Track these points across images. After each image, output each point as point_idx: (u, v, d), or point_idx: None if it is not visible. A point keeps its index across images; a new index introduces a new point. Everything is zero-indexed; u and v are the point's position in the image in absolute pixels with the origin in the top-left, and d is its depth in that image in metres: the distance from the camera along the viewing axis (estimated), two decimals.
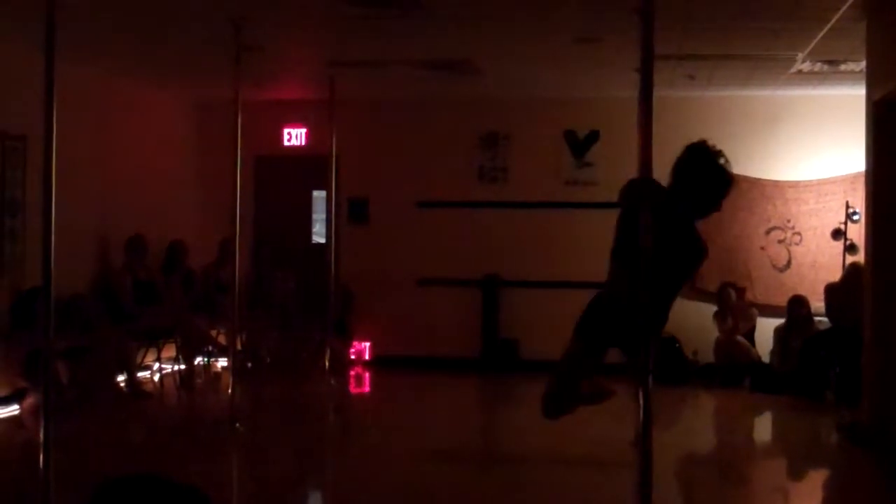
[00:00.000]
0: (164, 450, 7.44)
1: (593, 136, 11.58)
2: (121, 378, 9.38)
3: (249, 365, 10.72)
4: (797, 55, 8.83)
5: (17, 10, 7.23)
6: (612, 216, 4.71)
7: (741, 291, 10.94)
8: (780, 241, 11.24)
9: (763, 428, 9.55)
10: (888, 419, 7.35)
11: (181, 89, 11.43)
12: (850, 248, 10.49)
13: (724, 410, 10.02)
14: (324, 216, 11.85)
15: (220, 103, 8.94)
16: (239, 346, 9.03)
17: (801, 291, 10.65)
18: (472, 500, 6.19)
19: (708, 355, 10.84)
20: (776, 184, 11.23)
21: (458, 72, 9.83)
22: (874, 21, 7.44)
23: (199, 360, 10.61)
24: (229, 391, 7.82)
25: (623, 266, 4.62)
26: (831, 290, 9.76)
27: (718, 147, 4.78)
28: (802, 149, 11.18)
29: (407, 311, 11.76)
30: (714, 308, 10.88)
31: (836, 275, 10.28)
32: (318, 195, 12.18)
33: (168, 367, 10.41)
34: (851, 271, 9.66)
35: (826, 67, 9.37)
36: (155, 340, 9.97)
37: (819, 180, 11.15)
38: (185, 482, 1.99)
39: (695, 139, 4.76)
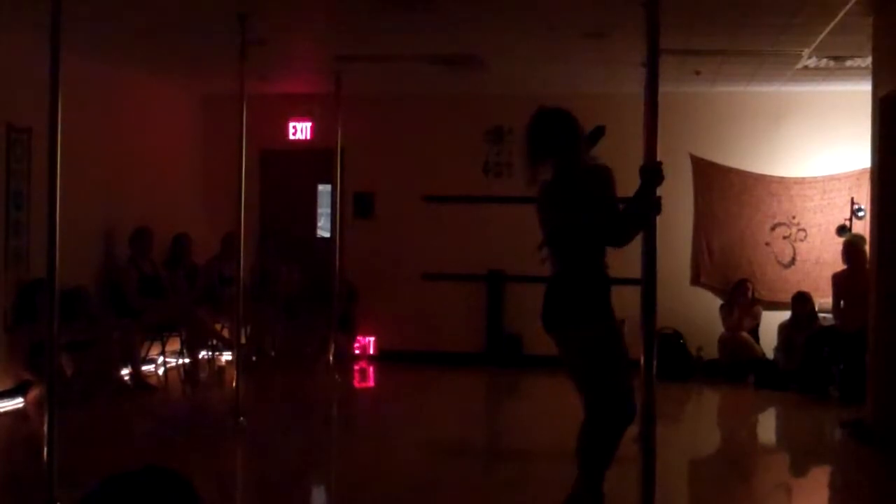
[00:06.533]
0: (168, 443, 7.45)
1: (599, 132, 11.51)
2: (125, 371, 9.39)
3: (254, 358, 10.72)
4: (803, 51, 8.81)
5: (24, 2, 7.23)
6: None
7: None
8: (784, 238, 11.21)
9: (767, 424, 9.54)
10: (892, 416, 7.34)
11: (187, 82, 11.42)
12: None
13: (728, 407, 10.01)
14: (329, 210, 11.87)
15: (225, 97, 8.94)
16: (243, 340, 9.02)
17: (806, 288, 10.65)
18: (477, 494, 6.19)
19: (712, 351, 10.84)
20: (781, 180, 11.20)
21: (464, 67, 9.81)
22: (881, 17, 7.42)
23: (203, 353, 10.61)
24: (233, 385, 7.82)
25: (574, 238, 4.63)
26: (837, 277, 9.72)
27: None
28: (808, 145, 11.14)
29: (411, 305, 11.74)
30: (718, 303, 10.89)
31: None
32: (324, 189, 12.18)
33: (172, 361, 10.44)
34: (849, 247, 9.67)
35: (832, 63, 9.35)
36: (159, 334, 9.98)
37: (824, 177, 11.13)
38: (169, 473, 1.94)
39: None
